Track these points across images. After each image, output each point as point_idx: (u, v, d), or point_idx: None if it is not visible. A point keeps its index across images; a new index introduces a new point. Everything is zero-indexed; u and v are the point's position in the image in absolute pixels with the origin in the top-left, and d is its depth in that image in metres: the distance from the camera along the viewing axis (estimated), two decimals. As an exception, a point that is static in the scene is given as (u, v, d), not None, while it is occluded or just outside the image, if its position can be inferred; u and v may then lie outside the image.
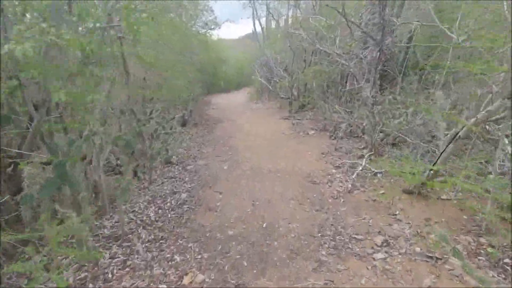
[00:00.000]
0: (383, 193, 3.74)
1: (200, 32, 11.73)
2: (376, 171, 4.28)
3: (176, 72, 9.18)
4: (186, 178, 4.67)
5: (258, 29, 16.20)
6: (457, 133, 2.82)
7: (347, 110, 7.01)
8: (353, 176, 4.22)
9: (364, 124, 5.90)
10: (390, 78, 7.25)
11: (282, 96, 10.64)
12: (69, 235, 2.94)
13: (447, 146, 2.94)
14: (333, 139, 6.28)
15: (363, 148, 5.34)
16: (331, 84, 8.57)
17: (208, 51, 14.06)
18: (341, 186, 4.09)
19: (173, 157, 5.57)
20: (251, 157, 5.59)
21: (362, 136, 6.02)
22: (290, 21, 12.05)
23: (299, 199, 3.85)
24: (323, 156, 5.39)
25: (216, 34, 23.36)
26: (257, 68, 12.62)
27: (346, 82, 7.95)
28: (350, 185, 4.02)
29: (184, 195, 4.05)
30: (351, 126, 6.27)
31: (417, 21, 6.11)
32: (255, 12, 14.81)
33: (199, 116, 10.24)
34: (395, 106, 5.31)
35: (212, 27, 11.86)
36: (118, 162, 4.90)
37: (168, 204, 3.83)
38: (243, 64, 18.02)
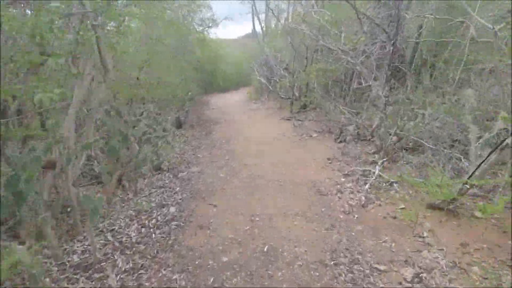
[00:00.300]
0: (403, 208, 3.17)
1: (198, 29, 11.13)
2: (392, 180, 3.70)
3: (171, 70, 8.62)
4: (177, 188, 4.09)
5: (258, 28, 15.59)
6: (503, 140, 2.26)
7: (353, 110, 6.44)
8: (366, 187, 3.65)
9: (373, 127, 5.33)
10: (399, 76, 6.68)
11: (283, 96, 10.07)
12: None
13: (489, 155, 2.37)
14: (339, 142, 5.70)
15: (374, 153, 4.76)
16: (334, 83, 7.99)
17: (206, 50, 13.48)
18: (353, 199, 3.52)
19: (165, 162, 4.99)
20: (250, 162, 5.02)
21: (371, 139, 5.45)
22: (290, 18, 11.47)
23: (306, 214, 3.28)
24: (329, 161, 4.81)
25: (214, 32, 22.64)
26: (257, 67, 12.04)
27: (351, 80, 7.38)
28: (363, 198, 3.44)
29: (173, 209, 3.47)
30: (359, 128, 5.70)
31: (430, 14, 5.54)
32: (254, 9, 14.23)
33: (196, 116, 9.67)
34: (408, 106, 4.74)
35: (210, 24, 11.28)
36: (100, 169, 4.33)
37: (154, 220, 3.25)
38: (243, 63, 17.42)
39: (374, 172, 3.90)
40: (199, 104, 12.44)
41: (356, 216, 3.15)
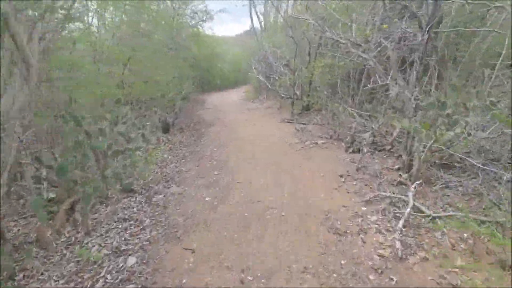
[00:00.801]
0: (462, 265, 2.11)
1: (191, 24, 9.97)
2: (433, 215, 2.64)
3: (162, 67, 7.54)
4: (146, 221, 3.02)
5: (256, 23, 14.37)
6: None
7: (366, 113, 5.37)
8: (400, 225, 2.58)
9: (394, 135, 4.25)
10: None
11: (283, 95, 8.98)
12: None
13: None
14: (350, 153, 4.63)
15: (399, 170, 3.70)
16: (341, 81, 6.89)
17: (202, 46, 12.35)
18: (384, 244, 2.45)
19: (139, 181, 3.92)
20: (244, 180, 3.95)
21: (391, 149, 4.37)
22: (290, 11, 10.30)
23: (318, 271, 2.21)
24: (342, 180, 3.74)
25: (209, 27, 21.20)
26: (255, 64, 10.92)
27: (361, 78, 6.29)
28: (398, 243, 2.37)
29: (132, 260, 2.41)
30: (374, 136, 4.62)
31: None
32: (252, 4, 13.01)
33: (188, 118, 8.58)
34: (442, 111, 3.65)
35: (204, 18, 10.12)
36: (51, 195, 3.26)
37: (100, 282, 2.18)
38: (241, 60, 16.29)
39: (407, 202, 2.84)
40: (194, 103, 11.35)
41: (394, 279, 2.08)
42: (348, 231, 2.67)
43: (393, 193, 3.13)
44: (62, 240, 2.68)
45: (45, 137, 3.88)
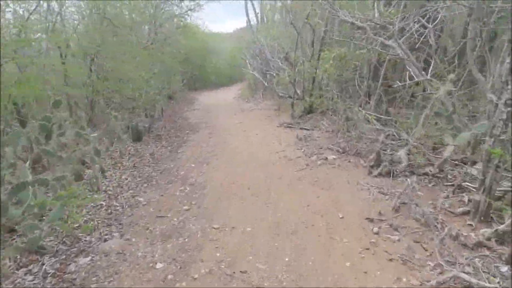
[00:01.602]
0: None
1: (177, 13, 8.44)
2: None
3: (138, 63, 6.07)
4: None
5: (252, 15, 12.82)
6: None
7: (390, 119, 3.95)
8: None
9: (444, 155, 2.82)
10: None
11: (281, 93, 7.53)
12: None
13: None
14: (375, 176, 3.20)
15: (465, 214, 2.27)
16: (353, 76, 5.43)
17: (192, 39, 10.84)
18: None
19: (55, 230, 2.46)
20: (224, 224, 2.51)
21: (437, 175, 2.94)
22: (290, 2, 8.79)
23: None
24: (375, 229, 2.31)
25: (200, 18, 19.39)
26: (249, 59, 9.43)
27: (379, 73, 4.84)
28: None
29: None
30: (410, 153, 3.19)
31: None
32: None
33: (171, 121, 7.10)
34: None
35: (192, 7, 8.59)
36: None
37: None
38: (237, 56, 14.79)
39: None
40: (182, 102, 9.91)
41: None
42: None
43: (480, 270, 1.70)
44: None
45: None
